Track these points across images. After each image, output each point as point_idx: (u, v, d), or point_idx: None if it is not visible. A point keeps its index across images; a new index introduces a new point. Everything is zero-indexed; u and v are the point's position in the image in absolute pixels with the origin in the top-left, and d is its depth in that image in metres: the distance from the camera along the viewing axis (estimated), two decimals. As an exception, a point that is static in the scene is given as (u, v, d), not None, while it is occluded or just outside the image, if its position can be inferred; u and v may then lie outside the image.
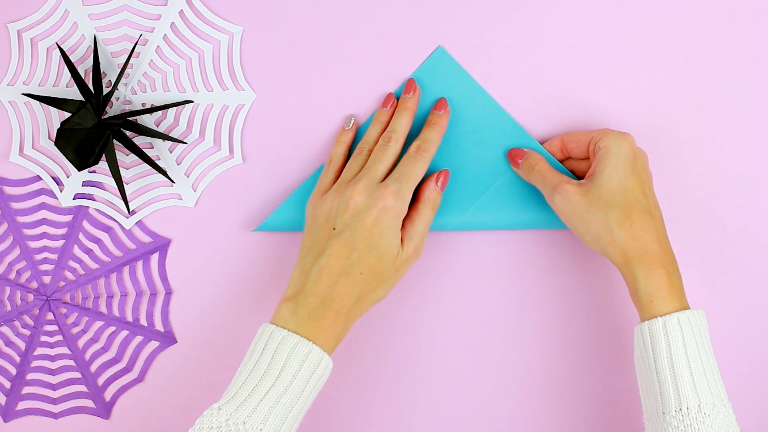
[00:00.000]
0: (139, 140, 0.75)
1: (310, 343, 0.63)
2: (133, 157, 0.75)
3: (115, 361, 0.76)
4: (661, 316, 0.64)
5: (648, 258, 0.66)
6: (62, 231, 0.76)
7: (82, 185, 0.75)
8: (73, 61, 0.74)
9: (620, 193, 0.66)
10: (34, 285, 0.76)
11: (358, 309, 0.66)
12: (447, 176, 0.71)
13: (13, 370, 0.76)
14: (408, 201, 0.67)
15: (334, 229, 0.66)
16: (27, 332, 0.76)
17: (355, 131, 0.74)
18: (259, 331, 0.65)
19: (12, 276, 0.76)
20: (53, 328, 0.76)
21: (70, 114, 0.72)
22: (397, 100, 0.73)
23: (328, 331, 0.65)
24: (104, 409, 0.76)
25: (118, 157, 0.75)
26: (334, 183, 0.70)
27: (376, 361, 0.76)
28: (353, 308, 0.66)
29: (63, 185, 0.75)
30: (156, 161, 0.75)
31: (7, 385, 0.76)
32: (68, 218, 0.76)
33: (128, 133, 0.74)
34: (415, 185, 0.68)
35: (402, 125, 0.71)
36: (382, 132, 0.71)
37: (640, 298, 0.66)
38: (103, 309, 0.76)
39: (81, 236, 0.76)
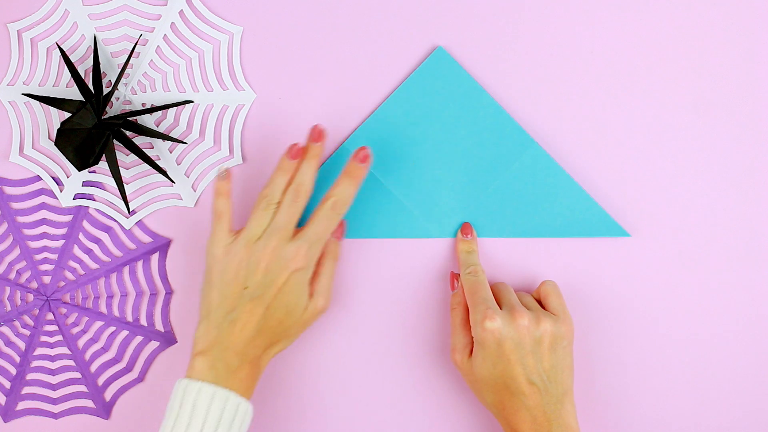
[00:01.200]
0: (139, 140, 0.75)
1: (227, 390, 0.65)
2: (133, 157, 0.75)
3: (115, 361, 0.76)
4: None
5: None
6: (62, 231, 0.76)
7: (82, 185, 0.75)
8: (73, 61, 0.74)
9: (491, 380, 0.68)
10: (34, 285, 0.76)
11: (267, 357, 0.69)
12: (344, 227, 0.73)
13: (13, 370, 0.76)
14: (317, 259, 0.69)
15: (246, 288, 0.67)
16: (27, 332, 0.76)
17: (231, 179, 0.71)
18: (175, 387, 0.66)
19: (12, 276, 0.76)
20: (53, 328, 0.76)
21: (70, 114, 0.72)
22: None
23: (244, 380, 0.67)
24: (104, 409, 0.76)
25: (118, 157, 0.75)
26: (230, 234, 0.69)
27: (377, 366, 0.76)
28: (264, 357, 0.68)
29: (63, 185, 0.75)
30: (156, 161, 0.75)
31: (7, 385, 0.76)
32: (68, 218, 0.76)
33: (128, 133, 0.74)
34: (323, 244, 0.69)
35: (310, 177, 0.70)
36: (288, 182, 0.70)
37: None
38: (103, 309, 0.76)
39: (81, 236, 0.76)
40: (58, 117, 0.75)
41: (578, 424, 0.68)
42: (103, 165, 0.75)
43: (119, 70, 0.74)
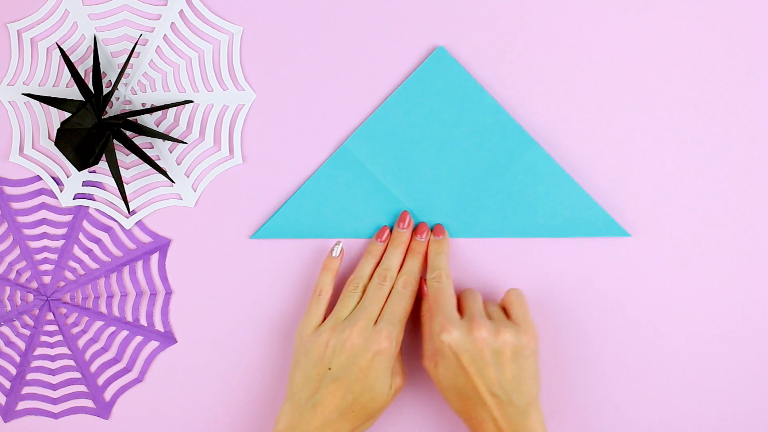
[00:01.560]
0: (139, 140, 0.75)
1: None
2: (133, 157, 0.75)
3: (115, 361, 0.76)
4: None
5: None
6: (62, 231, 0.76)
7: (82, 185, 0.75)
8: (73, 61, 0.74)
9: (454, 390, 0.68)
10: (34, 285, 0.76)
11: None
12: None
13: (13, 370, 0.76)
14: (401, 340, 0.69)
15: (329, 369, 0.67)
16: (27, 332, 0.76)
17: (342, 258, 0.73)
18: None
19: (12, 276, 0.76)
20: (53, 328, 0.76)
21: (70, 114, 0.72)
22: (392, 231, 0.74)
23: None
24: (104, 409, 0.76)
25: (118, 157, 0.75)
26: (325, 315, 0.71)
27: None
28: None
29: (63, 185, 0.75)
30: (156, 161, 0.75)
31: (7, 385, 0.76)
32: (68, 218, 0.76)
33: (128, 133, 0.74)
34: (405, 322, 0.70)
35: (396, 262, 0.72)
36: (376, 265, 0.72)
37: None
38: (103, 309, 0.76)
39: (81, 236, 0.76)
40: (58, 117, 0.75)
41: None
42: (103, 165, 0.75)
43: (119, 70, 0.74)
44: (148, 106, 0.75)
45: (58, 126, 0.72)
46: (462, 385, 0.67)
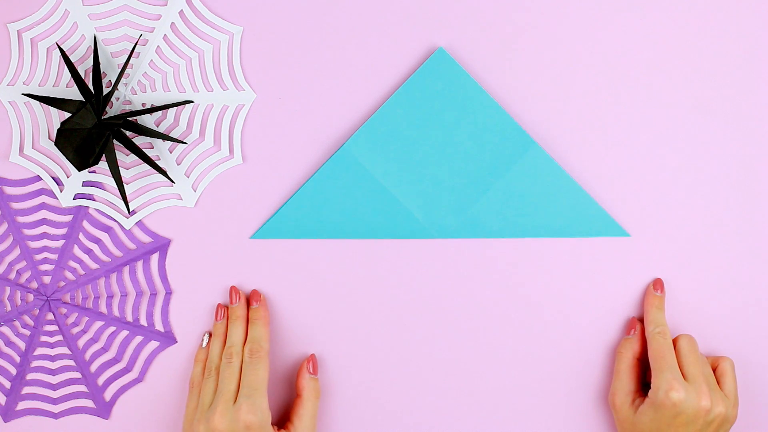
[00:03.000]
0: (139, 140, 0.75)
1: None
2: (133, 157, 0.75)
3: (115, 361, 0.76)
4: None
5: None
6: (62, 231, 0.76)
7: (82, 185, 0.75)
8: (73, 61, 0.74)
9: None
10: (34, 285, 0.76)
11: None
12: (314, 359, 0.74)
13: (13, 370, 0.76)
14: (265, 406, 0.69)
15: None
16: (27, 332, 0.76)
17: (213, 347, 0.74)
18: None
19: (12, 276, 0.76)
20: (53, 328, 0.76)
21: (70, 114, 0.72)
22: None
23: None
24: (104, 409, 0.76)
25: (118, 157, 0.75)
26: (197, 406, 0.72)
27: (379, 363, 0.76)
28: None
29: (63, 185, 0.75)
30: (156, 161, 0.75)
31: (7, 385, 0.76)
32: (68, 218, 0.76)
33: (128, 133, 0.74)
34: (265, 388, 0.70)
35: (238, 337, 0.73)
36: (223, 345, 0.73)
37: None
38: (103, 309, 0.76)
39: (81, 236, 0.76)
40: (58, 117, 0.75)
41: None
42: (103, 165, 0.75)
43: (119, 70, 0.74)
44: (148, 106, 0.75)
45: (58, 126, 0.72)
46: None
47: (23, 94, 0.73)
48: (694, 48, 0.75)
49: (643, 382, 0.75)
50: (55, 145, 0.71)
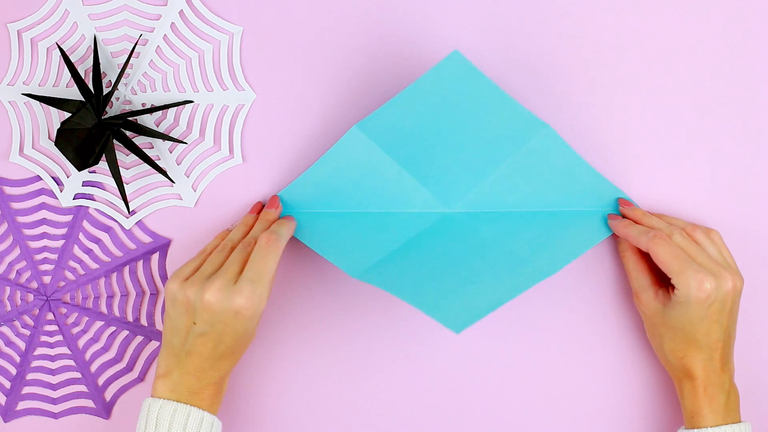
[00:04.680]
0: (139, 140, 0.75)
1: (189, 405, 0.67)
2: (133, 157, 0.75)
3: (115, 361, 0.76)
4: (700, 428, 0.69)
5: (694, 381, 0.70)
6: (62, 231, 0.76)
7: (82, 185, 0.75)
8: (73, 61, 0.74)
9: (681, 332, 0.70)
10: (34, 285, 0.76)
11: (229, 374, 0.70)
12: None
13: (13, 370, 0.76)
14: (265, 296, 0.68)
15: (194, 323, 0.67)
16: (27, 332, 0.76)
17: (236, 230, 0.73)
18: (142, 407, 0.68)
19: (12, 276, 0.76)
20: (53, 328, 0.76)
21: (70, 114, 0.72)
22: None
23: (206, 399, 0.68)
24: (104, 409, 0.76)
25: (118, 157, 0.75)
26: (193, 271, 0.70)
27: (379, 365, 0.76)
28: (225, 376, 0.69)
29: (63, 185, 0.75)
30: (156, 161, 0.75)
31: (7, 385, 0.76)
32: (68, 218, 0.76)
33: (128, 133, 0.74)
34: (270, 278, 0.68)
35: (259, 233, 0.71)
36: (246, 234, 0.72)
37: (683, 411, 0.71)
38: (103, 309, 0.76)
39: (81, 236, 0.76)
40: (58, 117, 0.75)
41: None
42: (103, 165, 0.75)
43: (119, 70, 0.74)
44: (148, 106, 0.75)
45: (58, 126, 0.72)
46: (696, 330, 0.69)
47: (23, 94, 0.73)
48: (696, 48, 0.75)
49: (657, 271, 0.73)
50: (55, 145, 0.71)
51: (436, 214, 0.75)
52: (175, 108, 0.75)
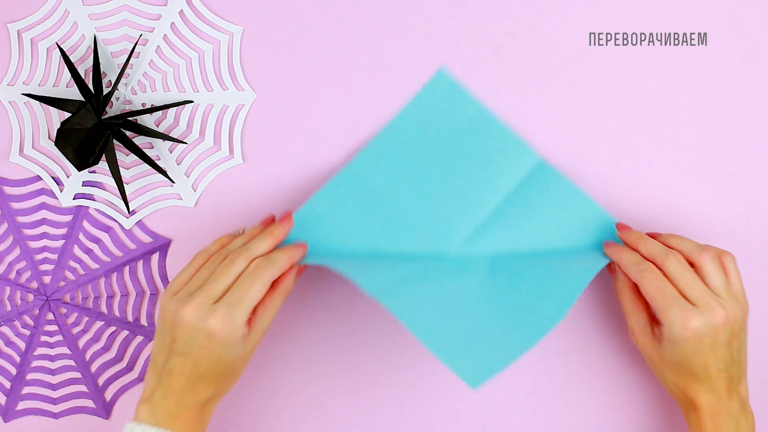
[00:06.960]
0: (139, 140, 0.75)
1: (167, 431, 0.65)
2: (133, 157, 0.75)
3: (115, 361, 0.76)
4: None
5: (699, 412, 0.68)
6: (62, 231, 0.76)
7: (82, 185, 0.75)
8: (73, 61, 0.74)
9: (678, 367, 0.68)
10: (34, 285, 0.76)
11: (213, 402, 0.67)
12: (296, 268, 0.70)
13: (13, 370, 0.76)
14: (242, 322, 0.65)
15: (174, 341, 0.65)
16: (27, 332, 0.76)
17: (240, 239, 0.71)
18: (124, 430, 0.66)
19: (12, 276, 0.76)
20: (53, 328, 0.76)
21: (70, 114, 0.72)
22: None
23: (187, 422, 0.66)
24: (104, 409, 0.76)
25: (118, 157, 0.75)
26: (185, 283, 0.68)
27: (378, 370, 0.76)
28: (208, 403, 0.67)
29: (63, 185, 0.75)
30: (156, 161, 0.75)
31: (7, 385, 0.76)
32: (68, 218, 0.76)
33: (128, 133, 0.74)
34: (252, 306, 0.65)
35: (260, 248, 0.68)
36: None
37: None
38: (104, 309, 0.76)
39: (81, 236, 0.76)
40: (58, 117, 0.75)
41: (748, 401, 0.69)
42: (103, 165, 0.75)
43: (119, 70, 0.74)
44: (148, 106, 0.75)
45: (58, 126, 0.72)
46: (691, 364, 0.67)
47: (23, 94, 0.73)
48: (695, 49, 0.75)
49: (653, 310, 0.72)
50: (55, 145, 0.71)
51: (434, 255, 0.73)
52: (175, 108, 0.75)
